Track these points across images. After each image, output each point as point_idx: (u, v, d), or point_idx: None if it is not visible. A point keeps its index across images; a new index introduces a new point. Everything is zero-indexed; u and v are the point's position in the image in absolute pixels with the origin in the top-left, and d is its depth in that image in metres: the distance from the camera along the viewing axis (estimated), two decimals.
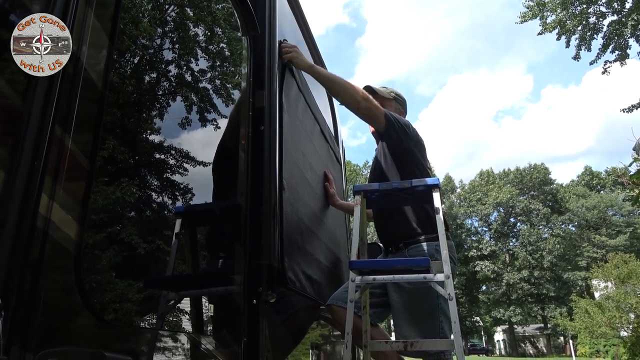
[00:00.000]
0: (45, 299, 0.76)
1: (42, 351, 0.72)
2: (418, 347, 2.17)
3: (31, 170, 0.76)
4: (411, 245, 2.51)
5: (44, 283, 0.76)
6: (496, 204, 48.50)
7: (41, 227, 0.77)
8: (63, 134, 0.84)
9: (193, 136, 1.50)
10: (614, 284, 23.67)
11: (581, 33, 12.52)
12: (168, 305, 1.29)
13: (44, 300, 0.76)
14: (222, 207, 1.75)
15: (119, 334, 1.01)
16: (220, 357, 1.54)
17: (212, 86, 1.68)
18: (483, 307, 47.82)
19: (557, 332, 42.91)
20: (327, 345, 3.20)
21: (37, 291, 0.74)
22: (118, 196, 1.07)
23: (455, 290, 2.08)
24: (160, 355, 1.17)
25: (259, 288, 1.63)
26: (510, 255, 47.75)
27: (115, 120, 1.11)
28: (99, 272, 0.99)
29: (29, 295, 0.73)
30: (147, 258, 1.20)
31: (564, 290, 43.23)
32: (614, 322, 22.71)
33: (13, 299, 0.69)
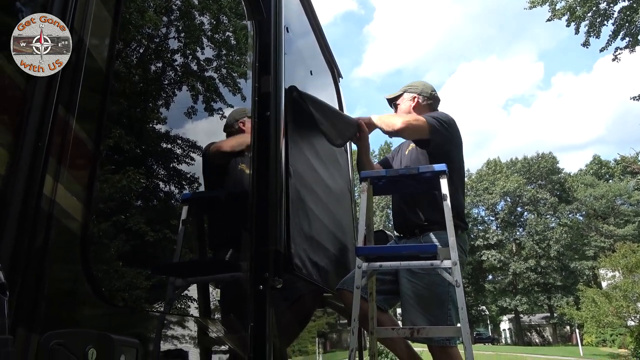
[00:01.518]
0: (51, 281, 0.76)
1: (48, 332, 0.72)
2: (424, 333, 2.17)
3: (35, 153, 0.75)
4: (426, 232, 2.50)
5: (49, 265, 0.76)
6: (503, 193, 48.28)
7: (46, 208, 0.76)
8: (66, 117, 0.83)
9: (198, 123, 1.49)
10: (622, 274, 23.56)
11: (591, 19, 12.34)
12: (175, 291, 1.30)
13: (50, 281, 0.76)
14: (228, 194, 1.75)
15: (126, 317, 1.02)
16: (228, 342, 1.54)
17: (217, 72, 1.66)
18: (489, 297, 47.84)
19: (564, 321, 42.85)
20: (334, 331, 3.22)
21: (42, 273, 0.74)
22: (124, 184, 1.07)
23: (462, 280, 2.07)
24: (167, 339, 1.18)
25: (266, 274, 1.62)
26: (517, 245, 47.64)
27: (120, 109, 1.10)
28: (106, 256, 0.99)
29: (34, 276, 0.73)
30: (154, 244, 1.20)
31: (571, 280, 43.13)
32: (621, 312, 22.64)
33: (19, 280, 0.69)
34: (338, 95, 3.81)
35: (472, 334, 46.37)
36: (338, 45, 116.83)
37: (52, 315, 0.75)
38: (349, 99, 25.80)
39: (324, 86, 3.41)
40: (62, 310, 0.80)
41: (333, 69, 3.64)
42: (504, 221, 48.67)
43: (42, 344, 0.71)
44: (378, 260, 2.14)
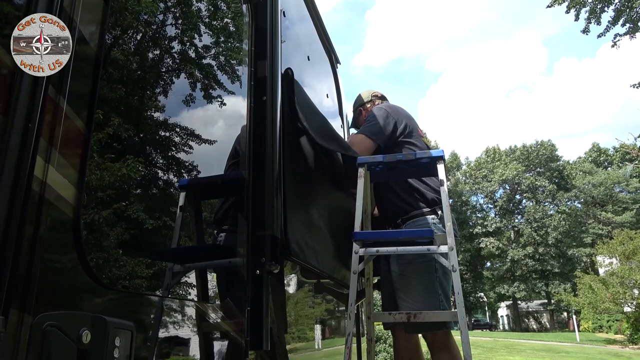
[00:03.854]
0: (43, 263, 0.76)
1: (41, 314, 0.72)
2: (421, 318, 2.18)
3: (25, 131, 0.75)
4: (408, 222, 2.53)
5: (41, 246, 0.76)
6: (502, 180, 48.35)
7: (37, 188, 0.76)
8: (57, 98, 0.82)
9: (192, 107, 1.48)
10: (619, 260, 23.73)
11: (592, 5, 12.22)
12: (172, 275, 1.30)
13: (42, 263, 0.76)
14: (225, 180, 1.74)
15: (121, 300, 1.02)
16: (225, 326, 1.55)
17: (212, 55, 1.65)
18: (487, 284, 48.18)
19: (561, 307, 43.24)
20: (332, 317, 3.23)
21: (34, 254, 0.74)
22: (118, 168, 1.06)
23: (460, 267, 2.08)
24: (163, 323, 1.18)
25: (262, 259, 1.63)
26: (515, 232, 47.83)
27: (113, 94, 1.09)
28: (101, 239, 0.99)
29: (26, 257, 0.72)
30: (151, 228, 1.20)
31: (569, 267, 43.39)
32: (618, 298, 22.85)
33: (9, 259, 0.69)
34: (336, 82, 3.79)
35: (470, 321, 46.81)
36: (340, 32, 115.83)
37: (45, 297, 0.75)
38: (349, 87, 25.35)
39: (322, 72, 3.39)
40: (56, 293, 0.80)
41: (331, 55, 3.62)
42: (502, 209, 48.81)
43: (35, 325, 0.71)
44: (375, 245, 2.14)
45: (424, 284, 2.39)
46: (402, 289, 2.44)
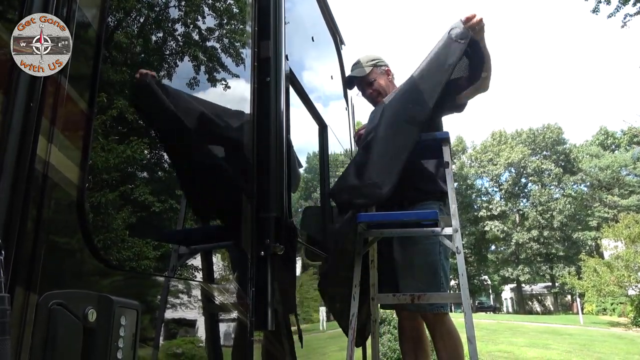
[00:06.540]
0: (49, 242, 0.76)
1: (46, 292, 0.73)
2: (425, 299, 2.19)
3: (27, 111, 0.74)
4: (416, 205, 2.51)
5: (46, 225, 0.76)
6: (507, 164, 48.13)
7: (40, 168, 0.76)
8: (58, 78, 0.82)
9: (195, 90, 1.47)
10: (624, 244, 23.68)
11: None
12: (177, 256, 1.30)
13: (47, 242, 0.76)
14: (229, 161, 1.74)
15: (127, 280, 1.02)
16: (230, 307, 1.56)
17: (214, 35, 1.63)
18: (492, 267, 48.31)
19: (565, 290, 43.40)
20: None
21: (38, 233, 0.74)
22: (121, 149, 1.06)
23: (464, 250, 2.08)
24: (169, 303, 1.19)
25: (267, 240, 1.63)
26: (520, 216, 47.78)
27: (114, 73, 1.09)
28: (106, 218, 0.99)
29: (31, 236, 0.73)
30: (156, 209, 1.20)
31: (573, 250, 43.40)
32: (622, 281, 22.88)
33: (13, 238, 0.69)
34: (340, 63, 3.75)
35: (474, 303, 47.12)
36: None
37: (50, 277, 0.76)
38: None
39: (326, 53, 3.35)
40: (61, 272, 0.81)
41: (336, 36, 3.57)
42: (507, 192, 48.68)
43: (41, 304, 0.72)
44: (379, 227, 2.14)
45: (427, 265, 2.39)
46: (404, 269, 2.44)
